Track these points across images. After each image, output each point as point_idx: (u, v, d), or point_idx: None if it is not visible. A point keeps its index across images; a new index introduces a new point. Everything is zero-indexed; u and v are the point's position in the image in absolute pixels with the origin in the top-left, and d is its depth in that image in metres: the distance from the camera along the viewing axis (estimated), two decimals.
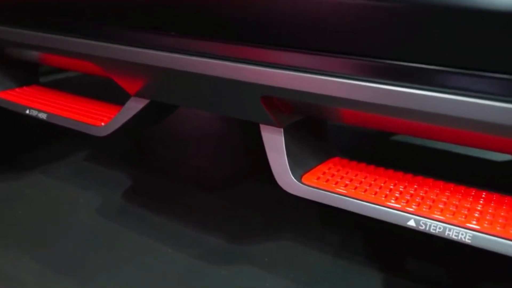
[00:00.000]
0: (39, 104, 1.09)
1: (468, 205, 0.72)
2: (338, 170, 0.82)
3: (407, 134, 0.86)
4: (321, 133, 0.88)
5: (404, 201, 0.72)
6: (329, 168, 0.83)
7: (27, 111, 1.08)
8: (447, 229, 0.67)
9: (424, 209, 0.70)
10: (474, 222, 0.67)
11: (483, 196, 0.75)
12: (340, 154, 0.88)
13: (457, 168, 1.59)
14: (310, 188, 0.77)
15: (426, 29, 0.61)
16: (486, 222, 0.67)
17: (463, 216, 0.69)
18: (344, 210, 0.75)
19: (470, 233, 0.64)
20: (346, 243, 1.21)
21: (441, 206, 0.71)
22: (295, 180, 0.78)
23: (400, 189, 0.77)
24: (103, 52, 0.84)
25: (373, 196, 0.74)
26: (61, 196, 1.52)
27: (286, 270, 1.11)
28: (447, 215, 0.69)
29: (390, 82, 0.65)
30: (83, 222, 1.37)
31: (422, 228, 0.68)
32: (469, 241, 0.65)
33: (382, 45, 0.64)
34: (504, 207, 0.72)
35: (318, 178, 0.79)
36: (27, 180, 1.63)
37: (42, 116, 1.04)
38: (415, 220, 0.69)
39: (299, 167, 0.80)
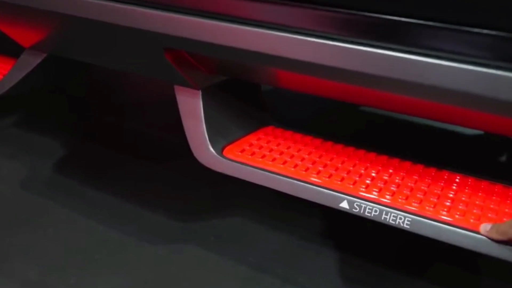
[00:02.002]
0: None
1: (412, 184, 0.63)
2: (268, 142, 0.72)
3: (357, 102, 0.77)
4: (252, 97, 0.77)
5: (339, 180, 0.64)
6: (258, 139, 0.73)
7: None
8: (384, 213, 0.58)
9: (361, 189, 0.62)
10: (415, 205, 0.59)
11: (432, 174, 0.67)
12: (275, 123, 0.78)
13: (415, 142, 1.52)
14: (232, 162, 0.66)
15: None
16: (430, 205, 0.59)
17: (403, 197, 0.60)
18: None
19: (407, 217, 0.56)
20: (301, 221, 1.14)
21: (380, 185, 0.63)
22: (214, 152, 0.67)
23: (338, 165, 0.67)
24: None
25: (303, 172, 0.64)
26: None
27: (233, 249, 1.02)
28: (386, 196, 0.60)
29: (334, 37, 0.54)
30: (5, 196, 1.24)
31: (356, 211, 0.60)
32: (408, 227, 0.57)
33: None
34: (453, 187, 0.64)
35: (243, 151, 0.69)
36: None
37: None
38: (349, 202, 0.60)
39: (221, 138, 0.69)
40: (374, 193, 0.61)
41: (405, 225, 0.58)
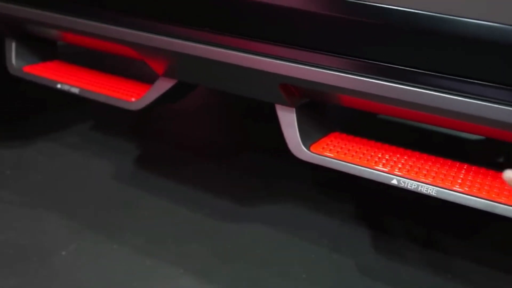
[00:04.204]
0: (68, 79, 1.31)
1: (436, 169, 1.03)
2: (338, 142, 1.11)
3: (394, 116, 1.17)
4: (324, 112, 1.17)
5: (390, 166, 1.03)
6: (331, 140, 1.12)
7: (58, 86, 1.29)
8: (419, 186, 0.98)
9: (404, 172, 1.01)
10: (439, 182, 0.98)
11: (449, 163, 1.07)
12: (339, 130, 1.18)
13: (433, 142, 1.93)
14: (317, 155, 1.06)
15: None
16: (448, 181, 0.99)
17: (432, 177, 1.00)
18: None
19: (434, 188, 0.96)
20: (336, 204, 1.53)
21: (416, 169, 1.02)
22: (305, 149, 1.06)
23: (386, 157, 1.07)
24: (144, 40, 1.08)
25: (366, 161, 1.03)
26: (73, 163, 1.74)
27: (287, 228, 1.40)
28: (420, 176, 1.00)
29: (375, 76, 0.93)
30: (99, 186, 1.60)
31: (402, 185, 0.99)
32: (435, 194, 0.97)
33: (371, 50, 0.92)
34: (463, 171, 1.04)
35: (323, 148, 1.08)
36: (37, 147, 1.83)
37: (74, 90, 1.27)
38: (397, 180, 0.99)
39: (308, 139, 1.08)
40: (413, 174, 1.00)
41: (433, 193, 0.97)
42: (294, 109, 1.07)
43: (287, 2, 0.92)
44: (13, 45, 1.36)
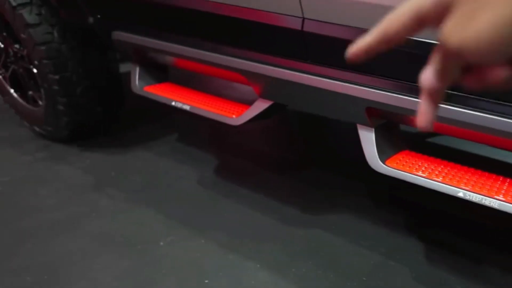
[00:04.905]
0: (180, 98, 1.60)
1: (497, 185, 1.19)
2: (409, 158, 1.30)
3: (459, 137, 1.34)
4: (396, 132, 1.37)
5: (456, 180, 1.20)
6: (403, 157, 1.31)
7: (173, 103, 1.58)
8: (483, 199, 1.14)
9: (469, 186, 1.18)
10: (501, 196, 1.15)
11: (507, 181, 1.23)
12: (407, 148, 1.37)
13: (492, 161, 2.06)
14: (391, 169, 1.25)
15: None
16: (510, 196, 1.15)
17: (494, 192, 1.16)
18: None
19: (496, 202, 1.12)
20: (398, 218, 1.70)
21: (480, 185, 1.19)
22: (381, 163, 1.27)
23: (452, 172, 1.25)
24: (252, 68, 1.34)
25: (434, 175, 1.22)
26: (164, 168, 2.04)
27: (347, 236, 1.59)
28: (484, 190, 1.16)
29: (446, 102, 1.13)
30: (187, 189, 1.88)
31: (467, 198, 1.16)
32: (497, 207, 1.13)
33: None
34: None
35: (397, 163, 1.28)
36: (134, 154, 2.17)
37: (186, 107, 1.55)
38: (463, 193, 1.17)
39: (383, 155, 1.28)
40: (477, 188, 1.17)
41: (495, 206, 1.13)
42: (373, 129, 1.28)
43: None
44: (137, 69, 1.68)
